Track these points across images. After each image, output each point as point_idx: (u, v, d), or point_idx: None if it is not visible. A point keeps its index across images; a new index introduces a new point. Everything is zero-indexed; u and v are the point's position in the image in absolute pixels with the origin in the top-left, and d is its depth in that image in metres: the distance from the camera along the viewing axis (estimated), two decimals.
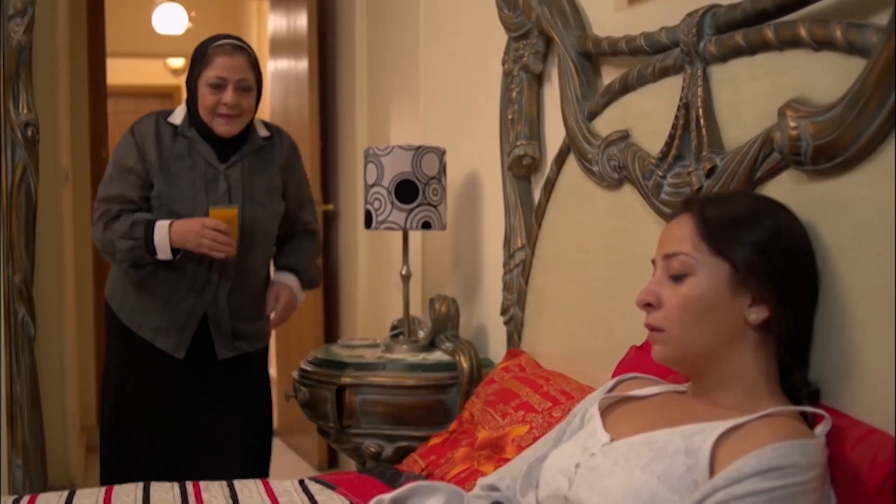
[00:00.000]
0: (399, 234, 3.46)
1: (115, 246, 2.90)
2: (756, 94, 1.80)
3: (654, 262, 1.63)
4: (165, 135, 2.96)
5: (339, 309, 5.18)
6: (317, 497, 2.32)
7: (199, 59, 2.94)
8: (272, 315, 3.12)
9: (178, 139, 2.96)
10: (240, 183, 2.95)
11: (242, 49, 2.92)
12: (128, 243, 2.87)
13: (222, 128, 2.91)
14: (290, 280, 3.16)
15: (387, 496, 1.66)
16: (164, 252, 2.86)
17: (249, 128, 3.00)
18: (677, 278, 1.55)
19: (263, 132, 3.05)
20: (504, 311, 2.96)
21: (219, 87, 2.87)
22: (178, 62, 9.78)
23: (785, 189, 1.69)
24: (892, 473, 1.39)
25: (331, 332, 5.20)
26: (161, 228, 2.85)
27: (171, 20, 8.57)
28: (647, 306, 1.60)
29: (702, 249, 1.54)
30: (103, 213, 2.94)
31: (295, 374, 3.35)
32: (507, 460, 2.15)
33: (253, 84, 2.93)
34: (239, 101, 2.89)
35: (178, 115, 3.00)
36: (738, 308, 1.53)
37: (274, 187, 3.02)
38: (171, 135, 2.97)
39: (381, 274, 4.39)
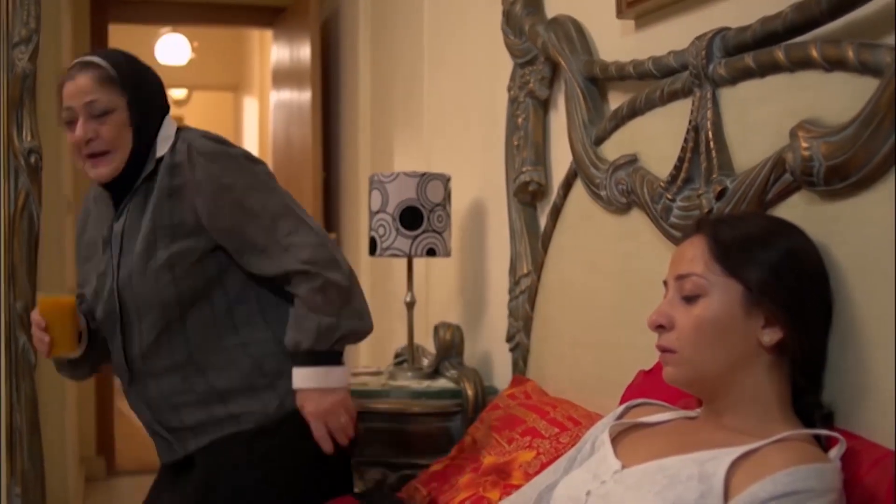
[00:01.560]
0: (403, 262, 3.45)
1: None
2: (766, 116, 1.79)
3: (665, 283, 1.61)
4: (91, 197, 2.47)
5: None
6: None
7: (58, 93, 2.32)
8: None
9: (96, 200, 2.42)
10: (118, 240, 2.29)
11: (89, 65, 2.26)
12: None
13: (93, 172, 2.27)
14: (301, 377, 2.26)
15: None
16: None
17: (145, 156, 2.27)
18: (690, 299, 1.54)
19: (163, 149, 2.27)
20: (510, 338, 2.94)
21: (70, 122, 2.26)
22: (181, 93, 9.81)
23: (797, 210, 1.68)
24: None
25: None
26: None
27: (173, 51, 8.62)
28: (660, 328, 1.58)
29: (714, 270, 1.52)
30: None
31: None
32: (513, 486, 2.13)
33: (110, 104, 2.23)
34: (96, 133, 2.22)
35: None
36: (751, 329, 1.51)
37: (162, 224, 2.23)
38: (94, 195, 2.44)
39: (384, 302, 4.37)
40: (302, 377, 2.25)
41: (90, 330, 2.39)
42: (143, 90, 2.30)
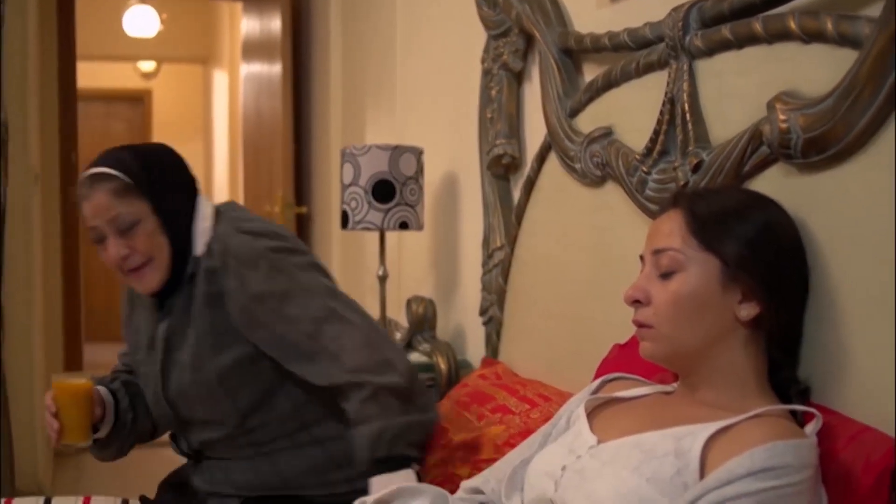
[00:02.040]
0: (375, 235, 3.44)
1: None
2: (743, 88, 1.77)
3: (642, 257, 1.60)
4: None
5: None
6: None
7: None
8: None
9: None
10: (162, 345, 2.20)
11: (101, 178, 2.10)
12: None
13: (138, 286, 2.17)
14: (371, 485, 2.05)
15: (369, 499, 1.63)
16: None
17: (185, 255, 2.16)
18: (666, 275, 1.53)
19: (200, 246, 2.15)
20: (483, 312, 2.93)
21: (100, 240, 2.13)
22: (150, 65, 9.71)
23: (774, 183, 1.67)
24: (888, 472, 1.37)
25: None
26: None
27: (142, 22, 8.53)
28: (636, 303, 1.57)
29: (691, 245, 1.51)
30: None
31: None
32: (483, 461, 2.12)
33: (135, 215, 2.10)
34: (129, 248, 2.10)
35: None
36: (728, 304, 1.50)
37: (206, 334, 2.14)
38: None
39: (355, 276, 4.35)
40: (371, 486, 2.06)
41: (118, 413, 2.29)
42: (165, 189, 2.16)
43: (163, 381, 2.18)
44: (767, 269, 1.50)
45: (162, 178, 2.16)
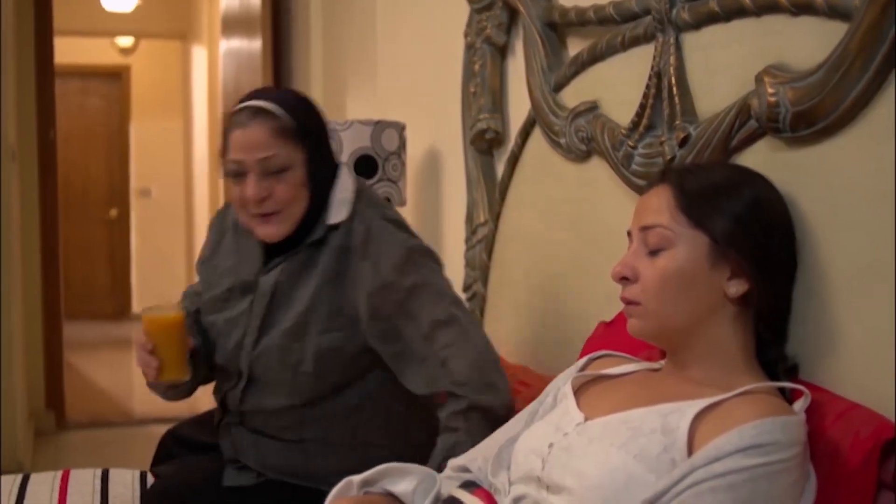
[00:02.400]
0: None
1: None
2: (731, 62, 1.75)
3: (629, 233, 1.58)
4: (230, 220, 2.26)
5: None
6: None
7: (223, 135, 2.09)
8: None
9: (237, 228, 2.22)
10: (265, 299, 2.13)
11: (263, 113, 2.02)
12: None
13: (261, 231, 2.07)
14: None
15: (356, 477, 1.61)
16: None
17: (315, 216, 2.10)
18: (654, 252, 1.51)
19: (337, 216, 2.09)
20: (466, 288, 2.91)
21: (238, 174, 2.03)
22: (127, 41, 9.63)
23: (762, 157, 1.66)
24: (877, 449, 1.35)
25: None
26: None
27: None
28: (623, 280, 1.55)
29: (680, 221, 1.49)
30: None
31: None
32: None
33: (288, 161, 2.02)
34: (269, 192, 2.02)
35: None
36: (717, 281, 1.49)
37: (318, 308, 2.07)
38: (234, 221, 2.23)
39: None
40: None
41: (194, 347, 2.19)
42: (321, 142, 2.11)
43: (254, 336, 2.11)
44: (756, 246, 1.49)
45: (320, 132, 2.12)
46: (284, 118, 2.02)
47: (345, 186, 2.11)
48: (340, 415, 2.12)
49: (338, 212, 2.07)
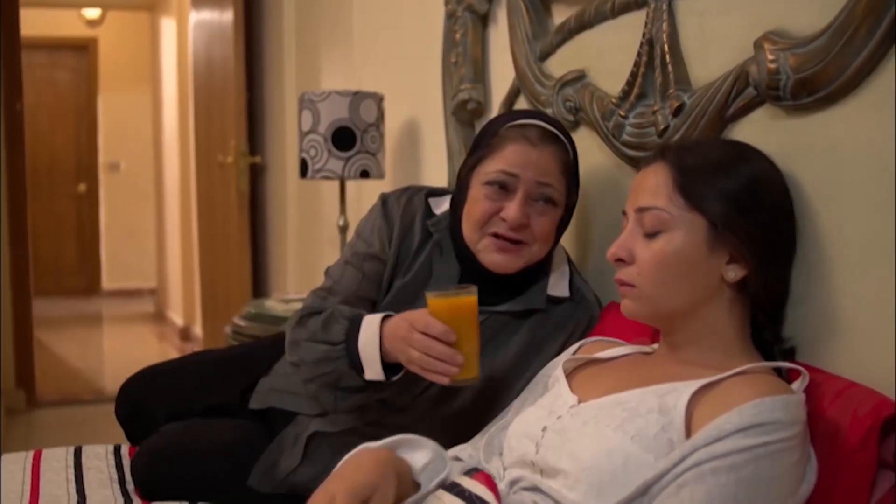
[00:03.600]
0: (334, 185, 3.36)
1: (300, 352, 2.00)
2: (727, 28, 1.70)
3: (624, 212, 1.54)
4: (418, 226, 2.05)
5: (267, 264, 5.07)
6: None
7: (484, 140, 1.94)
8: None
9: (427, 240, 2.04)
10: (491, 341, 1.95)
11: (557, 142, 1.88)
12: (319, 349, 1.94)
13: (490, 257, 1.89)
14: None
15: (374, 444, 1.55)
16: (372, 367, 1.86)
17: (539, 269, 1.97)
18: (651, 234, 1.47)
19: (560, 290, 1.98)
20: None
21: (502, 186, 1.87)
22: (94, 13, 9.48)
23: (760, 126, 1.61)
24: (875, 427, 1.32)
25: (259, 287, 5.09)
26: (370, 325, 1.86)
27: None
28: (619, 261, 1.51)
29: (678, 204, 1.45)
30: (308, 304, 2.04)
31: (228, 329, 3.24)
32: None
33: (559, 196, 1.88)
34: (528, 220, 1.86)
35: (442, 204, 2.07)
36: (714, 266, 1.45)
37: (507, 365, 1.94)
38: (422, 229, 2.05)
39: (314, 226, 4.27)
40: None
41: None
42: (575, 192, 1.97)
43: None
44: (756, 231, 1.45)
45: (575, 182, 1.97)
46: (569, 154, 1.92)
47: (562, 258, 2.02)
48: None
49: (558, 286, 1.98)
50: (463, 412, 1.95)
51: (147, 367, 2.47)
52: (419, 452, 1.53)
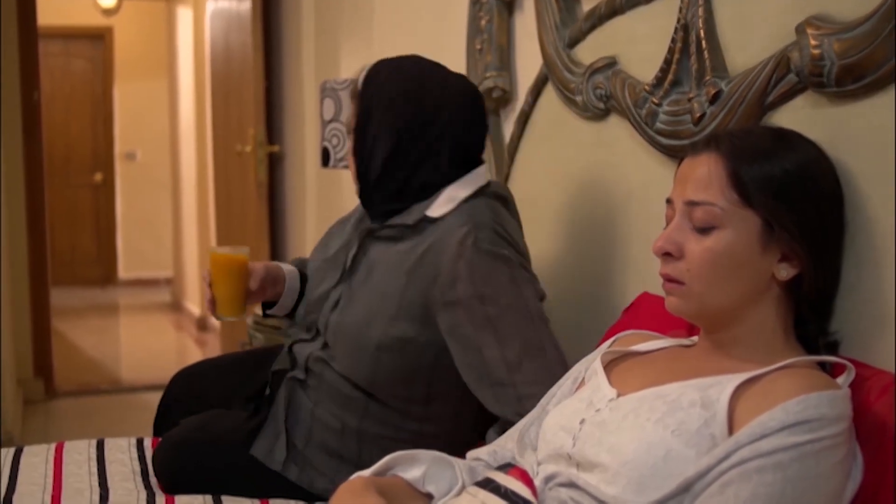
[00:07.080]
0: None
1: None
2: (766, 14, 1.66)
3: (669, 201, 1.48)
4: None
5: (286, 253, 5.04)
6: None
7: None
8: None
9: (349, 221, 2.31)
10: (361, 265, 2.06)
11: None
12: None
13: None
14: None
15: (367, 472, 1.54)
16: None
17: (416, 191, 2.02)
18: (702, 230, 1.41)
19: (440, 209, 1.98)
20: None
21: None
22: (110, 2, 9.46)
23: (801, 114, 1.57)
24: None
25: None
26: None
27: None
28: (666, 255, 1.45)
29: (731, 200, 1.39)
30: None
31: (249, 321, 3.22)
32: None
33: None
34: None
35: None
36: (766, 264, 1.40)
37: (390, 296, 1.96)
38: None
39: (334, 216, 4.23)
40: None
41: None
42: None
43: (329, 311, 2.07)
44: (811, 230, 1.40)
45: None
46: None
47: (471, 180, 2.02)
48: (387, 414, 2.04)
49: (441, 208, 1.97)
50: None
51: (203, 360, 2.57)
52: (415, 467, 1.54)
